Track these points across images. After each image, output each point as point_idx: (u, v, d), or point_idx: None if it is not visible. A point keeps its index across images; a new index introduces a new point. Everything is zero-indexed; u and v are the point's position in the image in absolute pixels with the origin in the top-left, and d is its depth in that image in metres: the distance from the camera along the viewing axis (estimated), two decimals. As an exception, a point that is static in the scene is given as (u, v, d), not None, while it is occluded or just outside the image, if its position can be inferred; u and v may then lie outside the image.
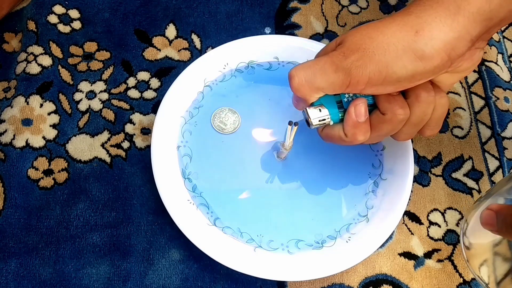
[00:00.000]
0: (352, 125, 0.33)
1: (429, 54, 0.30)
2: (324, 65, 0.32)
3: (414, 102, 0.33)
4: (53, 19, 0.48)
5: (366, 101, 0.33)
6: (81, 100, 0.45)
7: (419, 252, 0.41)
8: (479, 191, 0.44)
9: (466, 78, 0.49)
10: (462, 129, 0.46)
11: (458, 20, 0.30)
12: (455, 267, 0.41)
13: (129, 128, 0.44)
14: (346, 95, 0.34)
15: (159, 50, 0.47)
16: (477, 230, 0.38)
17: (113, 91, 0.45)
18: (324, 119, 0.34)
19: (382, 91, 0.32)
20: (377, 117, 0.34)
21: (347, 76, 0.31)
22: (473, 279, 0.40)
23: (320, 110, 0.34)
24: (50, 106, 0.44)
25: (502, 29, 0.52)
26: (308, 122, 0.35)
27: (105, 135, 0.43)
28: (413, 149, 0.42)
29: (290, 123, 0.37)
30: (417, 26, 0.30)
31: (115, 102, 0.45)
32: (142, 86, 0.46)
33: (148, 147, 0.43)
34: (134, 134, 0.44)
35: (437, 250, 0.41)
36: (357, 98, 0.34)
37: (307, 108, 0.34)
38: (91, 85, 0.45)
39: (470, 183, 0.44)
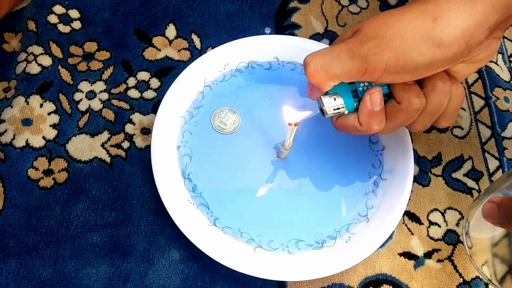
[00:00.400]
0: (367, 114, 0.33)
1: (447, 42, 0.29)
2: (340, 52, 0.31)
3: (430, 91, 0.33)
4: (53, 19, 0.48)
5: (382, 90, 0.33)
6: (81, 100, 0.45)
7: (419, 252, 0.41)
8: (479, 191, 0.44)
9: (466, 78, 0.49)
10: (462, 129, 0.46)
11: (477, 7, 0.29)
12: (455, 267, 0.41)
13: (129, 128, 0.44)
14: (361, 84, 0.34)
15: (159, 50, 0.47)
16: (479, 228, 0.38)
17: (113, 91, 0.45)
18: (339, 108, 0.34)
19: (399, 79, 0.32)
20: (392, 107, 0.33)
21: (363, 63, 0.31)
22: (473, 279, 0.40)
23: (335, 99, 0.34)
24: (50, 106, 0.44)
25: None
26: (322, 111, 0.35)
27: (105, 135, 0.43)
28: (413, 149, 0.42)
29: (290, 123, 0.37)
30: (435, 13, 0.30)
31: (115, 102, 0.45)
32: (142, 86, 0.46)
33: (148, 147, 0.43)
34: (134, 134, 0.44)
35: (437, 250, 0.41)
36: (373, 87, 0.33)
37: (321, 97, 0.34)
38: (91, 85, 0.45)
39: (470, 183, 0.44)
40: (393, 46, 0.30)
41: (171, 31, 0.48)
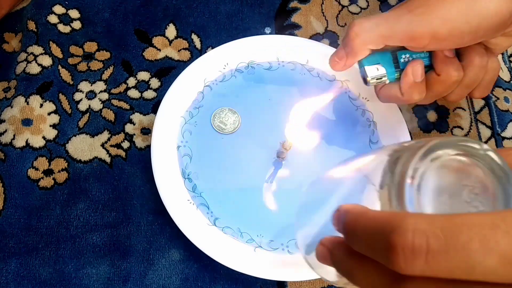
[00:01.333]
0: (409, 85, 0.35)
1: (493, 11, 0.31)
2: (388, 16, 0.33)
3: (468, 65, 0.35)
4: (53, 19, 0.48)
5: (423, 63, 0.35)
6: (81, 100, 0.45)
7: (419, 252, 0.41)
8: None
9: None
10: (462, 129, 0.46)
11: None
12: (455, 267, 0.41)
13: (129, 128, 0.44)
14: (403, 55, 0.36)
15: (159, 50, 0.47)
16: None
17: (113, 91, 0.45)
18: (381, 78, 0.36)
19: (445, 46, 0.33)
20: (432, 78, 0.35)
21: (410, 27, 0.32)
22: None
23: (377, 68, 0.35)
24: (50, 106, 0.44)
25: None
26: (365, 80, 0.36)
27: (105, 135, 0.43)
28: (413, 149, 0.42)
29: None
30: None
31: (115, 102, 0.45)
32: (142, 86, 0.46)
33: (148, 147, 0.43)
34: (134, 134, 0.44)
35: (437, 250, 0.41)
36: (414, 59, 0.35)
37: (365, 66, 0.35)
38: (91, 85, 0.45)
39: (470, 183, 0.44)
40: (440, 14, 0.31)
41: (171, 31, 0.48)
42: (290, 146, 0.39)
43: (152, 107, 0.45)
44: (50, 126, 0.43)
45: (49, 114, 0.44)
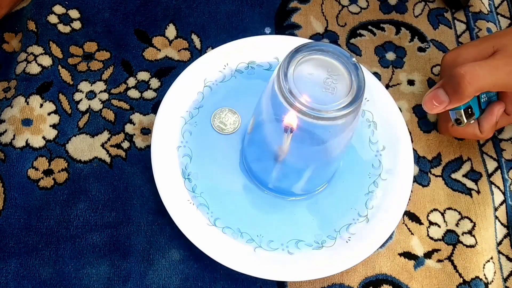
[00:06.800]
0: (491, 125, 0.39)
1: None
2: (497, 65, 0.35)
3: None
4: (53, 19, 0.48)
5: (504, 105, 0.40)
6: (81, 100, 0.45)
7: (419, 252, 0.41)
8: (478, 192, 0.44)
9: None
10: (462, 129, 0.46)
11: None
12: (455, 267, 0.41)
13: (129, 128, 0.44)
14: (483, 96, 0.40)
15: (159, 50, 0.47)
16: None
17: (113, 91, 0.45)
18: (473, 120, 0.39)
19: None
20: (502, 116, 0.40)
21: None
22: (473, 279, 0.40)
23: (470, 110, 0.39)
24: (50, 106, 0.44)
25: (502, 26, 0.52)
26: (458, 121, 0.39)
27: (105, 135, 0.43)
28: (413, 149, 0.42)
29: (285, 130, 0.37)
30: None
31: (115, 102, 0.45)
32: (142, 86, 0.46)
33: (148, 147, 0.43)
34: (134, 134, 0.44)
35: (437, 250, 0.41)
36: (497, 101, 0.40)
37: (462, 109, 0.38)
38: (91, 85, 0.45)
39: (469, 183, 0.44)
40: None
41: (171, 31, 0.48)
42: (287, 152, 0.39)
43: (152, 107, 0.45)
44: (50, 126, 0.43)
45: (49, 114, 0.44)
